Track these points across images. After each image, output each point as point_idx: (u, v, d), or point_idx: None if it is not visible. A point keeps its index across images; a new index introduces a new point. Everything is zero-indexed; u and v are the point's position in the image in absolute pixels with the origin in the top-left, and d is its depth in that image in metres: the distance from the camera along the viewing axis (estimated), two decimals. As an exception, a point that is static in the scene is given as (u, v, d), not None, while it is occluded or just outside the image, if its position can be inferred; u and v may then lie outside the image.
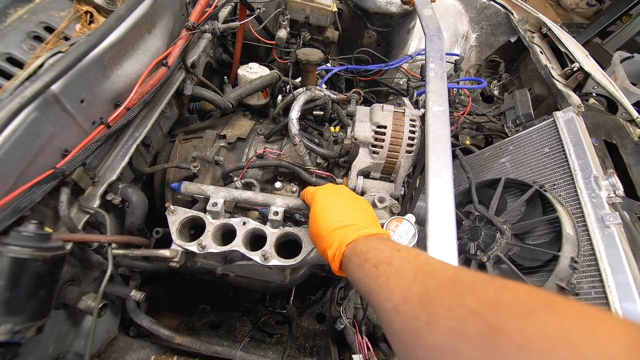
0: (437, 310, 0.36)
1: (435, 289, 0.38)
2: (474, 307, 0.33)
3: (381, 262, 0.49)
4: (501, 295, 0.33)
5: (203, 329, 1.42)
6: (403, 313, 0.40)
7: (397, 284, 0.43)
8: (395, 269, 0.46)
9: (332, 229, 0.66)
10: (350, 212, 0.70)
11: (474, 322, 0.32)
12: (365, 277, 0.50)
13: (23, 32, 0.78)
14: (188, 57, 1.12)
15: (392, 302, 0.42)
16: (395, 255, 0.49)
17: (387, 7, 1.46)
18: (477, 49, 1.96)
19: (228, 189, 0.94)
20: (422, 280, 0.41)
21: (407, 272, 0.44)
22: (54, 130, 0.74)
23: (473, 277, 0.38)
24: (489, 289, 0.34)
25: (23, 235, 0.63)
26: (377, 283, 0.47)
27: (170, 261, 0.85)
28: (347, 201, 0.74)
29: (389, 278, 0.45)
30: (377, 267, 0.49)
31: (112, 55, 0.84)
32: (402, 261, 0.47)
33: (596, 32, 3.28)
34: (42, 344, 0.80)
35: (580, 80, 1.56)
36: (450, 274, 0.40)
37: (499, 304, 0.32)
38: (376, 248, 0.54)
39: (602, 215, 1.11)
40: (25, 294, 0.62)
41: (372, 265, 0.50)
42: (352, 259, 0.57)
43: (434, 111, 0.98)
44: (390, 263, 0.48)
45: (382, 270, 0.48)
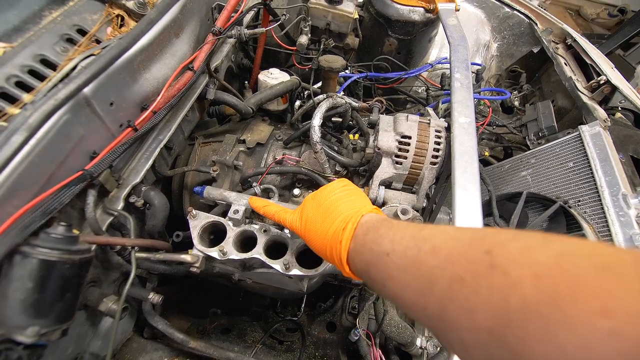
0: (463, 336, 0.31)
1: (446, 304, 0.34)
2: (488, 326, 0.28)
3: (385, 278, 0.45)
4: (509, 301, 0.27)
5: (214, 332, 1.41)
6: (438, 334, 0.37)
7: (413, 302, 0.39)
8: (401, 284, 0.42)
9: (325, 252, 0.61)
10: (323, 223, 0.62)
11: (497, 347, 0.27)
12: (386, 297, 0.50)
13: (57, 35, 0.79)
14: (212, 62, 1.13)
15: (422, 322, 0.40)
16: (389, 264, 0.44)
17: (410, 15, 1.45)
18: (498, 59, 1.94)
19: (245, 195, 0.94)
20: (429, 292, 0.36)
21: (413, 284, 0.39)
22: (84, 133, 0.75)
23: (470, 272, 0.32)
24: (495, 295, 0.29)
25: (52, 238, 0.63)
26: (398, 302, 0.44)
27: (191, 266, 0.84)
28: (317, 209, 0.66)
29: (402, 297, 0.42)
30: (386, 286, 0.45)
31: (141, 59, 0.85)
32: (400, 271, 0.43)
33: (619, 44, 3.20)
34: (62, 345, 0.80)
35: (606, 94, 1.52)
36: (447, 274, 0.34)
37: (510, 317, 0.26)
38: (370, 262, 0.49)
39: (630, 235, 1.08)
40: (53, 296, 0.62)
41: (381, 285, 0.46)
42: (364, 279, 0.54)
43: (460, 122, 0.96)
44: (392, 277, 0.44)
45: (392, 288, 0.44)
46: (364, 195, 0.67)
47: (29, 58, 0.73)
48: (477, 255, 0.32)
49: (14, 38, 0.75)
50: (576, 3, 4.74)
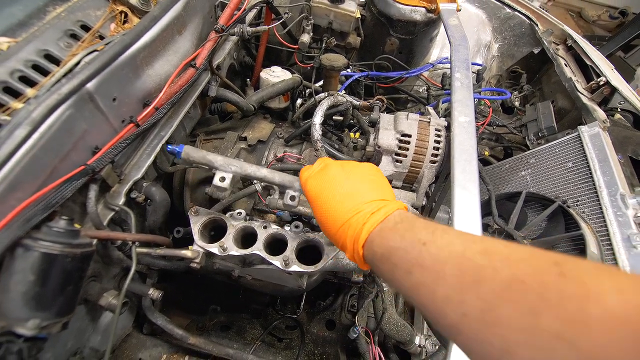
0: (512, 336, 0.30)
1: (496, 303, 0.32)
2: (559, 331, 0.27)
3: (413, 265, 0.42)
4: (586, 309, 0.26)
5: (213, 329, 1.42)
6: (468, 334, 0.34)
7: (445, 297, 0.37)
8: (433, 275, 0.39)
9: (338, 226, 0.56)
10: (352, 195, 0.58)
11: (563, 350, 0.26)
12: (404, 288, 0.43)
13: (60, 30, 0.80)
14: (214, 59, 1.13)
15: (449, 319, 0.36)
16: (424, 253, 0.42)
17: (411, 14, 1.46)
18: (499, 59, 1.94)
19: (241, 162, 0.79)
20: (473, 288, 0.34)
21: (450, 278, 0.37)
22: (87, 127, 0.75)
23: (534, 277, 0.31)
24: (567, 301, 0.28)
25: (54, 231, 0.63)
26: (421, 296, 0.40)
27: (192, 262, 0.85)
28: (344, 181, 0.61)
29: (431, 289, 0.39)
30: (412, 274, 0.42)
31: (144, 55, 0.86)
32: (437, 262, 0.40)
33: (619, 46, 3.22)
34: (62, 339, 0.80)
35: (606, 95, 1.53)
36: (504, 275, 0.33)
37: (588, 324, 0.25)
38: (398, 247, 0.46)
39: (628, 235, 1.08)
40: (54, 290, 0.62)
41: (405, 272, 0.43)
42: (377, 264, 0.50)
43: (459, 122, 0.96)
44: (423, 265, 0.41)
45: (420, 277, 0.41)
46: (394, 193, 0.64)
47: (33, 53, 0.74)
48: (544, 263, 0.32)
49: (18, 33, 0.76)
50: (578, 5, 4.74)
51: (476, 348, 0.33)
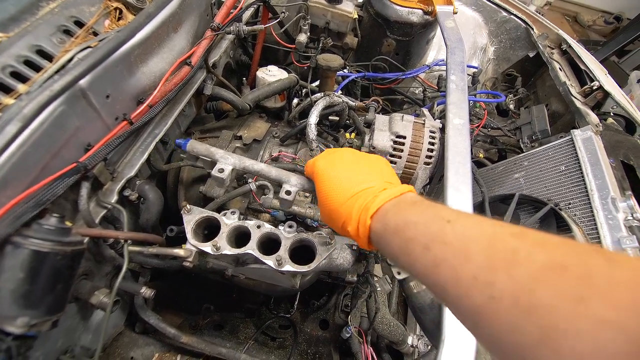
0: (552, 322, 0.26)
1: (532, 285, 0.28)
2: (607, 317, 0.24)
3: (433, 240, 0.38)
4: (639, 297, 0.24)
5: (206, 328, 1.41)
6: (496, 319, 0.30)
7: (471, 276, 0.32)
8: (457, 252, 0.35)
9: (346, 197, 0.53)
10: (361, 173, 0.57)
11: (618, 340, 0.23)
12: (418, 265, 0.39)
13: (54, 26, 0.79)
14: (210, 58, 1.13)
15: (473, 301, 0.32)
16: (448, 229, 0.38)
17: (409, 16, 1.46)
18: (495, 62, 1.95)
19: (239, 157, 0.81)
20: (505, 269, 0.30)
21: (478, 256, 0.33)
22: (79, 124, 0.75)
23: (579, 262, 0.28)
24: (617, 287, 0.25)
25: (44, 229, 0.63)
26: (439, 274, 0.36)
27: (184, 261, 0.84)
28: (353, 163, 0.60)
29: (454, 267, 0.34)
30: (430, 250, 0.38)
31: (139, 53, 0.85)
32: (462, 239, 0.36)
33: (613, 51, 3.26)
34: (52, 338, 0.79)
35: (599, 99, 1.55)
36: (542, 258, 0.29)
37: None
38: (417, 221, 0.42)
39: (618, 238, 1.09)
40: (44, 288, 0.61)
41: (423, 247, 0.39)
42: (389, 238, 0.45)
43: (454, 124, 0.97)
44: (446, 242, 0.37)
45: (439, 253, 0.37)
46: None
47: (25, 48, 0.73)
48: (586, 249, 0.30)
49: (11, 28, 0.75)
50: (573, 10, 4.79)
51: (505, 335, 0.29)
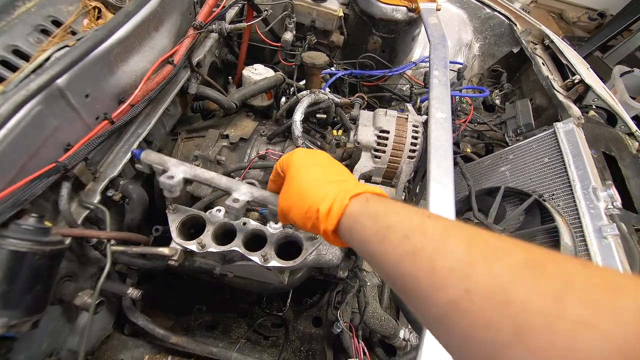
0: (528, 319, 0.26)
1: (510, 281, 0.28)
2: (584, 317, 0.24)
3: (413, 231, 0.37)
4: (617, 300, 0.24)
5: (198, 329, 1.40)
6: (470, 314, 0.29)
7: (448, 267, 0.32)
8: (436, 243, 0.34)
9: (325, 181, 0.51)
10: (342, 171, 0.57)
11: (595, 341, 0.23)
12: (393, 253, 0.37)
13: (30, 25, 0.78)
14: (194, 56, 1.12)
15: (446, 294, 0.31)
16: (428, 223, 0.37)
17: (393, 14, 1.48)
18: (480, 59, 1.98)
19: (191, 166, 0.77)
20: (484, 264, 0.30)
21: (457, 250, 0.32)
22: (58, 124, 0.74)
23: (557, 264, 0.28)
24: (595, 290, 0.25)
25: (22, 229, 0.62)
26: (415, 263, 0.34)
27: (169, 259, 0.84)
28: (333, 163, 0.59)
29: (431, 258, 0.33)
30: (410, 239, 0.36)
31: (118, 52, 0.84)
32: (442, 232, 0.35)
33: (597, 46, 3.32)
34: (36, 340, 0.79)
35: (580, 93, 1.58)
36: (522, 258, 0.29)
37: (619, 313, 0.23)
38: (398, 212, 0.40)
39: (599, 226, 1.12)
40: (22, 288, 0.61)
41: (402, 235, 0.37)
42: (364, 222, 0.43)
43: (436, 118, 0.98)
44: (425, 233, 0.36)
45: (418, 243, 0.35)
46: None
47: (0, 48, 0.72)
48: (564, 256, 0.30)
49: (-15, 28, 0.74)
50: (558, 7, 4.88)
51: (478, 331, 0.28)
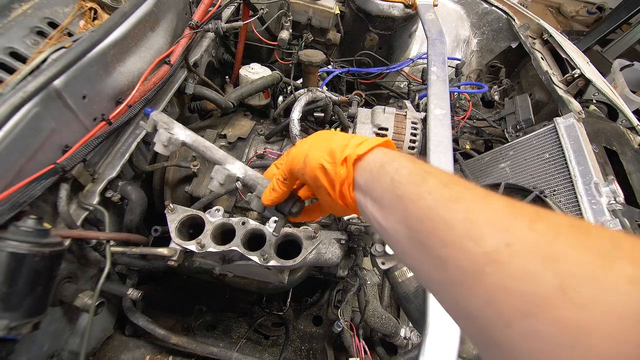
0: (574, 273, 0.24)
1: (555, 237, 0.26)
2: (634, 275, 0.23)
3: (453, 182, 0.34)
4: None
5: (199, 329, 1.41)
6: (507, 265, 0.27)
7: (488, 220, 0.29)
8: (477, 197, 0.32)
9: (337, 141, 0.46)
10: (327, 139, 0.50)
11: (636, 293, 0.22)
12: (426, 196, 0.34)
13: (27, 27, 0.78)
14: (190, 56, 1.12)
15: (483, 245, 0.28)
16: (463, 181, 0.34)
17: (390, 10, 1.47)
18: (478, 54, 1.97)
19: (194, 133, 0.74)
20: (526, 221, 0.28)
21: (498, 205, 0.30)
22: (55, 126, 0.74)
23: (600, 230, 0.26)
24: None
25: (21, 230, 0.62)
26: (452, 211, 0.32)
27: (169, 260, 0.84)
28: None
29: (472, 209, 0.31)
30: (449, 187, 0.33)
31: (115, 52, 0.84)
32: (482, 189, 0.33)
33: (596, 40, 3.31)
34: (38, 342, 0.79)
35: (581, 87, 1.57)
36: (565, 221, 0.27)
37: None
38: (429, 170, 0.37)
39: (602, 222, 1.11)
40: (23, 290, 0.61)
41: (441, 182, 0.34)
42: (399, 161, 0.39)
43: (435, 114, 0.98)
44: (467, 187, 0.33)
45: (458, 193, 0.33)
46: None
47: (-3, 51, 0.72)
48: (605, 227, 0.30)
49: (-19, 31, 0.74)
50: (557, 1, 4.85)
51: (515, 282, 0.26)
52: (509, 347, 0.26)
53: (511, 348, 0.26)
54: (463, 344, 0.79)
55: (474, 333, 0.30)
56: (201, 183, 1.14)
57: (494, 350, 0.28)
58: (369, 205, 0.42)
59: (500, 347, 0.27)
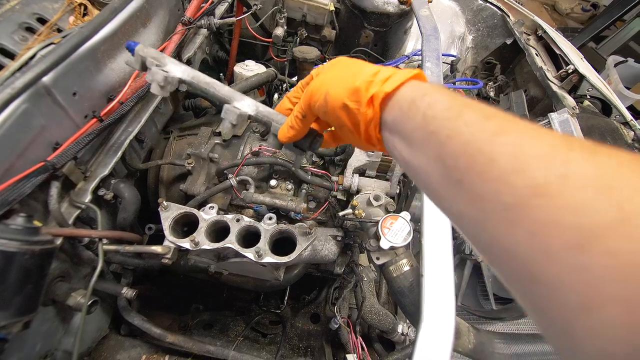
0: (636, 205, 0.22)
1: (617, 169, 0.24)
2: None
3: (496, 115, 0.32)
4: None
5: (196, 328, 1.40)
6: (560, 197, 0.25)
7: (539, 153, 0.27)
8: (523, 129, 0.29)
9: (365, 71, 0.43)
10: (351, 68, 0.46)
11: None
12: (464, 130, 0.32)
13: (15, 23, 0.77)
14: (184, 53, 1.11)
15: (532, 177, 0.26)
16: (504, 114, 0.32)
17: (384, 6, 1.47)
18: (473, 51, 1.97)
19: (193, 70, 0.63)
20: (587, 154, 0.26)
21: (549, 137, 0.28)
22: (45, 123, 0.73)
23: None
24: None
25: (11, 228, 0.61)
26: (496, 145, 0.29)
27: (163, 258, 0.84)
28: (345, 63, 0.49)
29: (519, 142, 0.28)
30: (492, 120, 0.31)
31: (105, 48, 0.83)
32: (524, 124, 0.30)
33: (591, 37, 3.32)
34: (30, 341, 0.78)
35: (575, 83, 1.57)
36: (625, 154, 0.25)
37: None
38: (464, 98, 0.35)
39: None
40: (12, 288, 0.60)
41: (482, 116, 0.32)
42: (433, 95, 0.36)
43: (430, 110, 0.98)
44: (511, 120, 0.31)
45: (502, 126, 0.30)
46: None
47: (-16, 47, 0.71)
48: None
49: (-32, 26, 0.73)
50: (552, -2, 4.87)
51: (568, 214, 0.24)
52: (553, 281, 0.24)
53: (555, 282, 0.24)
54: (458, 338, 0.79)
55: (511, 270, 0.28)
56: (196, 181, 1.13)
57: (535, 286, 0.26)
58: (397, 144, 0.40)
59: (542, 283, 0.25)
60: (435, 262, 0.68)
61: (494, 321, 1.36)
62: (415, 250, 0.94)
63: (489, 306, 1.36)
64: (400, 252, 0.82)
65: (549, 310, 0.25)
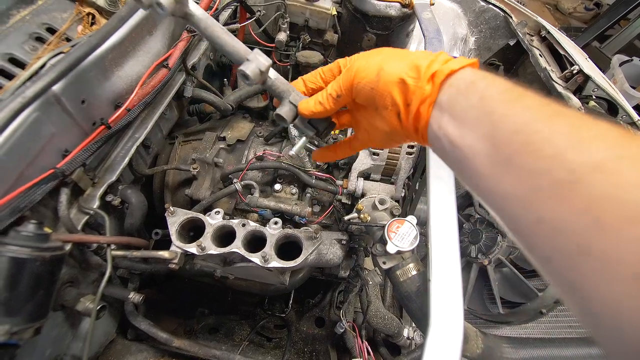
0: None
1: None
2: None
3: (551, 102, 0.32)
4: None
5: (201, 332, 1.41)
6: (618, 175, 0.25)
7: (596, 135, 0.28)
8: (580, 115, 0.30)
9: (408, 56, 0.43)
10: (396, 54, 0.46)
11: None
12: (520, 113, 0.32)
13: (25, 33, 0.79)
14: (188, 60, 1.13)
15: (588, 155, 0.27)
16: (559, 105, 0.33)
17: (386, 10, 1.47)
18: (476, 52, 1.97)
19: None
20: (632, 138, 0.27)
21: (605, 125, 0.29)
22: (55, 131, 0.74)
23: None
24: None
25: (22, 235, 0.62)
26: (554, 125, 0.30)
27: (170, 262, 0.84)
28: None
29: (576, 123, 0.29)
30: (549, 105, 0.32)
31: (113, 57, 0.85)
32: (578, 113, 0.31)
33: (595, 36, 3.30)
34: (39, 346, 0.79)
35: (580, 83, 1.56)
36: None
37: None
38: (522, 87, 0.36)
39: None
40: (24, 294, 0.61)
41: (538, 101, 0.33)
42: (490, 79, 0.37)
43: (434, 113, 0.98)
44: (568, 108, 0.32)
45: (560, 111, 0.31)
46: None
47: (-4, 57, 0.73)
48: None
49: (-20, 38, 0.74)
50: (555, -2, 4.86)
51: (622, 192, 0.25)
52: (607, 254, 0.24)
53: (610, 255, 0.24)
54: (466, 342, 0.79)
55: (555, 247, 0.28)
56: (201, 186, 1.14)
57: (583, 259, 0.26)
58: (444, 122, 0.39)
59: (592, 256, 0.25)
60: (442, 266, 0.67)
61: (502, 325, 1.35)
62: (421, 254, 0.94)
63: (495, 310, 1.35)
64: (406, 257, 0.81)
65: (597, 283, 0.25)
